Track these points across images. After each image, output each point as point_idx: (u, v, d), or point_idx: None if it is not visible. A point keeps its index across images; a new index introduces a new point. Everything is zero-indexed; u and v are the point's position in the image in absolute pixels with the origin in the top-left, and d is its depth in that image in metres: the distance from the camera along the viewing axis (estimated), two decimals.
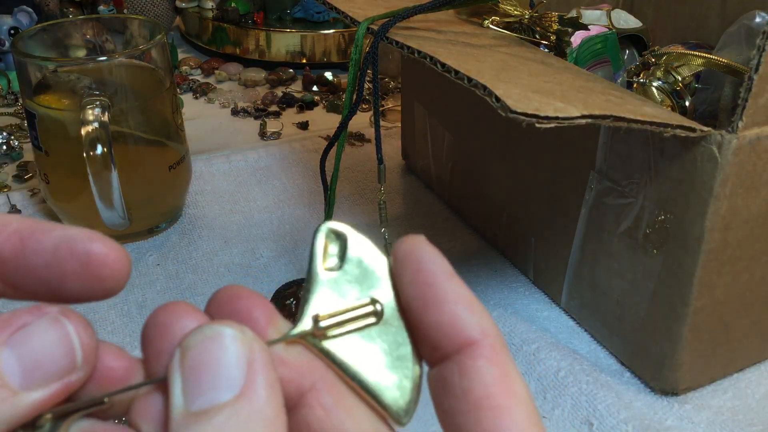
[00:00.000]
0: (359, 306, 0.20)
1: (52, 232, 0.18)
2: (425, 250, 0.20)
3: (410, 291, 0.19)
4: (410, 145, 0.65)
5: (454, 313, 0.19)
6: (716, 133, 0.33)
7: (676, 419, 0.39)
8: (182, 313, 0.19)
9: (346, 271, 0.21)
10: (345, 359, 0.19)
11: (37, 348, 0.16)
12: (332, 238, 0.22)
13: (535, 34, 0.47)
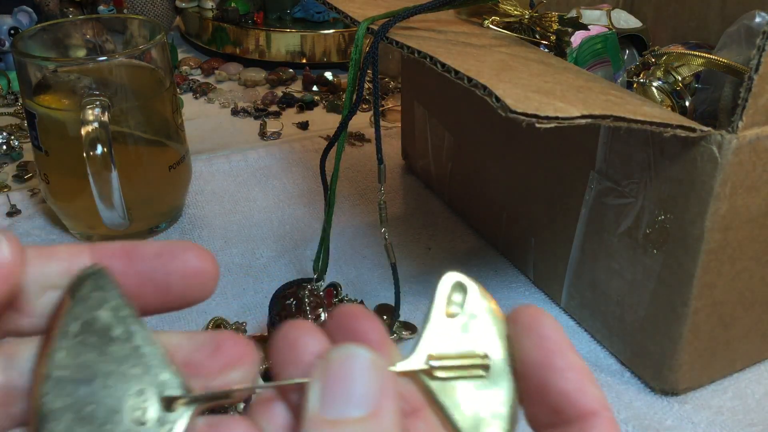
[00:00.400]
0: (471, 356, 0.21)
1: (153, 243, 0.20)
2: (548, 320, 0.21)
3: (533, 356, 0.20)
4: (410, 145, 0.65)
5: (581, 382, 0.20)
6: (716, 133, 0.33)
7: (676, 419, 0.39)
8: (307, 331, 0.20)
9: (464, 321, 0.22)
10: (446, 402, 0.21)
11: None
12: (457, 288, 0.23)
13: (535, 34, 0.47)
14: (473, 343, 0.21)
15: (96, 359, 0.19)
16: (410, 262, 0.53)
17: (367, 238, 0.56)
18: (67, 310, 0.19)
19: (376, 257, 0.53)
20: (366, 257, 0.54)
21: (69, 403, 0.18)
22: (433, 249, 0.55)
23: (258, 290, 0.50)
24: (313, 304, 0.43)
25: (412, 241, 0.56)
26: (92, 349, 0.19)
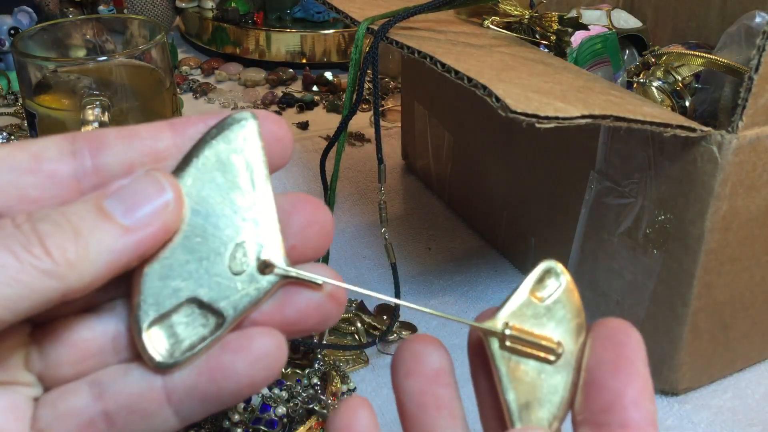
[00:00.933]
0: (546, 339, 0.22)
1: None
2: (632, 331, 0.21)
3: (605, 355, 0.21)
4: (410, 145, 0.65)
5: (641, 394, 0.20)
6: (716, 133, 0.33)
7: (676, 419, 0.39)
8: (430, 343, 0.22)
9: (548, 306, 0.23)
10: (506, 373, 0.21)
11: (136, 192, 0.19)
12: (550, 274, 0.24)
13: (535, 34, 0.47)
14: (551, 329, 0.22)
15: (217, 199, 0.20)
16: (410, 262, 0.53)
17: (367, 238, 0.56)
18: (208, 142, 0.20)
19: (376, 257, 0.53)
20: (366, 257, 0.54)
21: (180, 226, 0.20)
22: (433, 249, 0.55)
23: None
24: None
25: (412, 241, 0.56)
26: (217, 188, 0.20)
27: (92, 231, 0.18)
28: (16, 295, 0.17)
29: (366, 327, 0.45)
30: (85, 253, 0.18)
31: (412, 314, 0.47)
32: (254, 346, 0.20)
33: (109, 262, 0.18)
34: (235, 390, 0.20)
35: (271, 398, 0.38)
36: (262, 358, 0.20)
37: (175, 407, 0.20)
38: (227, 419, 0.37)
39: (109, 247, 0.18)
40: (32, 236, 0.17)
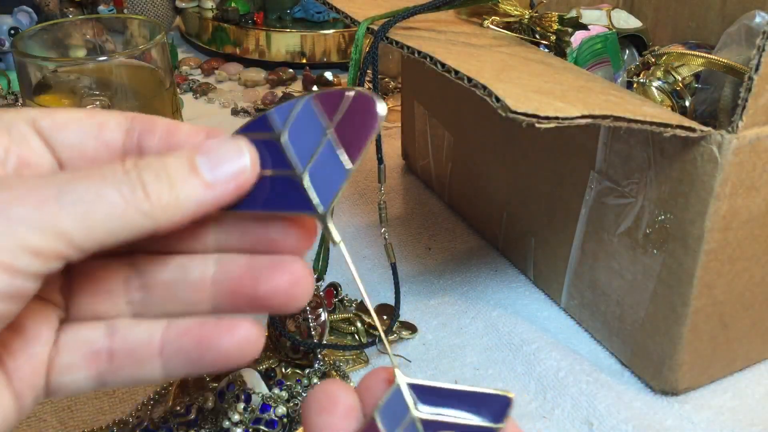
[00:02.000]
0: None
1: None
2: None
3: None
4: (410, 145, 0.65)
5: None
6: (716, 133, 0.33)
7: (676, 419, 0.39)
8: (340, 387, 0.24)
9: None
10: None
11: (220, 155, 0.23)
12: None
13: (535, 34, 0.47)
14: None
15: None
16: (410, 262, 0.53)
17: (367, 238, 0.56)
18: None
19: (376, 257, 0.53)
20: (366, 257, 0.54)
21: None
22: (433, 249, 0.55)
23: None
24: (313, 304, 0.43)
25: (412, 241, 0.56)
26: None
27: (183, 184, 0.22)
28: (118, 227, 0.21)
29: (366, 327, 0.45)
30: (176, 201, 0.22)
31: (413, 314, 0.47)
32: (240, 330, 0.23)
33: (192, 209, 0.22)
34: (212, 360, 0.23)
35: (271, 398, 0.38)
36: (242, 342, 0.23)
37: (164, 361, 0.24)
38: (227, 419, 0.37)
39: (194, 198, 0.22)
40: (137, 182, 0.21)
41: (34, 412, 0.39)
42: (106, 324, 0.24)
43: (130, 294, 0.24)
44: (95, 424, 0.39)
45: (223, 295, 0.24)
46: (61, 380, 0.24)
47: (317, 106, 0.24)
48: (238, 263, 0.24)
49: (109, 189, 0.21)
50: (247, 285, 0.24)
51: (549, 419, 0.39)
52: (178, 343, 0.24)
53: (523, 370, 0.42)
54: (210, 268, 0.24)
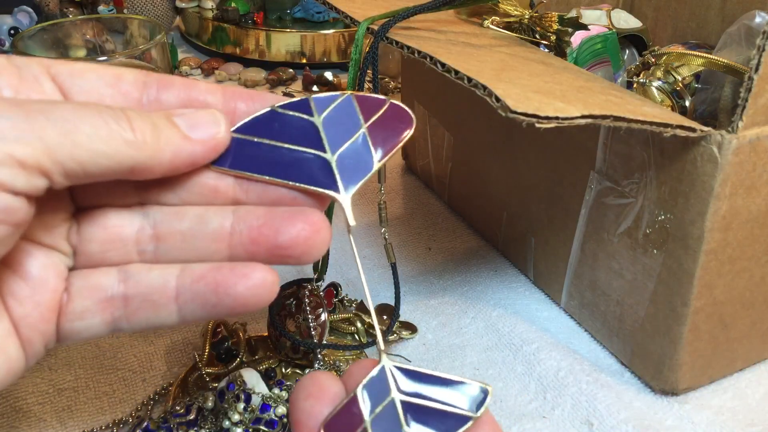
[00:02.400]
0: None
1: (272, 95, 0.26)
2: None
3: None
4: (410, 145, 0.65)
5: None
6: (716, 133, 0.33)
7: (676, 419, 0.39)
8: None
9: None
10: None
11: (197, 120, 0.24)
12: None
13: (535, 34, 0.47)
14: None
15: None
16: (410, 262, 0.53)
17: (367, 238, 0.56)
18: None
19: (376, 257, 0.53)
20: (366, 257, 0.54)
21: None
22: (433, 249, 0.55)
23: None
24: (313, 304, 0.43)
25: (412, 241, 0.56)
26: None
27: (164, 129, 0.23)
28: (101, 151, 0.21)
29: (366, 327, 0.45)
30: (158, 140, 0.23)
31: (412, 314, 0.47)
32: (255, 275, 0.24)
33: (171, 156, 0.23)
34: (229, 305, 0.24)
35: (271, 398, 0.38)
36: (258, 287, 0.24)
37: (179, 306, 0.24)
38: (227, 419, 0.37)
39: (174, 143, 0.23)
40: (122, 116, 0.22)
41: (34, 412, 0.40)
42: (118, 270, 0.25)
43: (142, 244, 0.25)
44: (95, 423, 0.39)
45: (242, 245, 0.24)
46: (74, 326, 0.24)
47: (357, 104, 0.26)
48: (257, 214, 0.24)
49: (97, 118, 0.22)
50: (267, 235, 0.24)
51: (549, 419, 0.39)
52: (193, 289, 0.24)
53: (523, 370, 0.42)
54: (228, 219, 0.25)
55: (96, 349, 0.44)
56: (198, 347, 0.42)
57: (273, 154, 0.25)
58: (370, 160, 0.25)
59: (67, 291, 0.24)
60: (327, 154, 0.25)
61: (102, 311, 0.24)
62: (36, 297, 0.23)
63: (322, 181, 0.25)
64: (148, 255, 0.25)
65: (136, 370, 0.43)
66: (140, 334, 0.45)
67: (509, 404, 0.40)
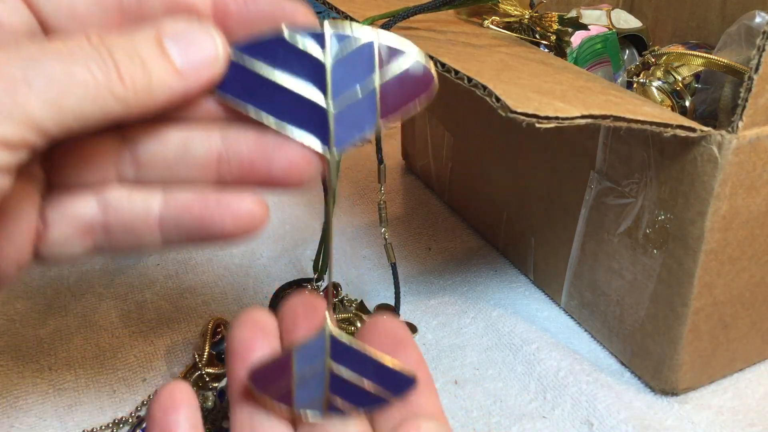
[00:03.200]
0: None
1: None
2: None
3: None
4: (410, 145, 0.65)
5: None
6: (716, 133, 0.33)
7: (676, 419, 0.39)
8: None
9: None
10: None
11: (190, 38, 0.21)
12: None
13: (535, 34, 0.47)
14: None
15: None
16: (410, 262, 0.53)
17: (367, 238, 0.56)
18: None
19: (376, 257, 0.53)
20: (366, 257, 0.54)
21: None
22: (433, 249, 0.55)
23: (258, 290, 0.50)
24: None
25: (412, 241, 0.56)
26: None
27: (155, 67, 0.20)
28: (89, 112, 0.19)
29: None
30: (149, 85, 0.20)
31: (412, 314, 0.47)
32: (243, 206, 0.22)
33: (164, 98, 0.21)
34: (216, 237, 0.23)
35: None
36: (245, 218, 0.23)
37: (164, 234, 0.23)
38: (227, 419, 0.37)
39: (167, 84, 0.21)
40: (109, 61, 0.20)
41: (34, 412, 0.40)
42: (97, 198, 0.23)
43: (121, 168, 0.23)
44: (95, 423, 0.39)
45: (231, 174, 0.23)
46: (54, 252, 0.23)
47: (378, 53, 0.22)
48: (246, 140, 0.23)
49: (80, 67, 0.19)
50: (259, 165, 0.23)
51: (549, 419, 0.39)
52: (177, 219, 0.23)
53: (523, 370, 0.42)
54: (215, 145, 0.23)
55: (96, 349, 0.44)
56: (198, 347, 0.42)
57: (269, 88, 0.22)
58: (372, 120, 0.22)
59: (42, 219, 0.23)
60: (327, 104, 0.22)
61: (82, 239, 0.23)
62: (8, 230, 0.22)
63: (313, 132, 0.22)
64: (129, 180, 0.23)
65: (136, 370, 0.43)
66: (140, 334, 0.45)
67: (509, 404, 0.40)
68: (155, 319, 0.47)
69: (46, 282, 0.51)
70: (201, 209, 0.23)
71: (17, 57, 0.19)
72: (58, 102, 0.19)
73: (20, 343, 0.45)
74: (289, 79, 0.22)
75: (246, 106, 0.22)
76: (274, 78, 0.22)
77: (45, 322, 0.47)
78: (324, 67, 0.22)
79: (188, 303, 0.48)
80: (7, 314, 0.47)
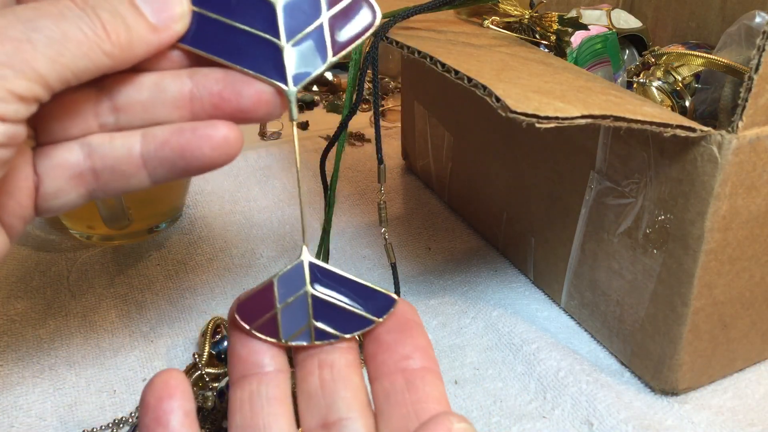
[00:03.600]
0: None
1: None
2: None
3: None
4: (410, 145, 0.65)
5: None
6: (716, 133, 0.33)
7: (676, 419, 0.39)
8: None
9: None
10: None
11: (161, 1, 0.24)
12: None
13: (535, 34, 0.47)
14: None
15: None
16: (410, 262, 0.53)
17: (367, 238, 0.56)
18: None
19: (376, 257, 0.53)
20: (366, 257, 0.54)
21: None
22: (433, 249, 0.55)
23: None
24: None
25: (412, 241, 0.56)
26: None
27: (133, 24, 0.23)
28: (83, 67, 0.22)
29: None
30: (130, 41, 0.23)
31: None
32: (218, 134, 0.24)
33: (142, 53, 0.23)
34: (198, 165, 0.24)
35: None
36: (223, 144, 0.24)
37: (149, 171, 0.25)
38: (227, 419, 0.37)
39: (144, 39, 0.23)
40: (96, 20, 0.22)
41: (34, 411, 0.40)
42: (80, 144, 0.25)
43: (101, 117, 0.25)
44: (95, 422, 0.39)
45: (204, 110, 0.25)
46: (52, 204, 0.25)
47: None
48: (215, 77, 0.25)
49: (72, 27, 0.22)
50: (229, 99, 0.24)
51: (549, 419, 0.39)
52: (159, 154, 0.24)
53: (523, 370, 0.42)
54: (186, 84, 0.25)
55: (96, 349, 0.44)
56: (198, 347, 0.42)
57: (227, 34, 0.24)
58: (324, 54, 0.25)
59: (35, 172, 0.24)
60: (281, 42, 0.24)
61: (76, 187, 0.25)
62: (8, 187, 0.24)
63: (271, 70, 0.24)
64: (110, 127, 0.25)
65: (136, 370, 0.43)
66: (140, 334, 0.45)
67: (509, 404, 0.40)
68: (155, 319, 0.47)
69: (46, 282, 0.51)
70: (179, 142, 0.24)
71: (17, 20, 0.21)
72: (59, 59, 0.21)
73: (20, 343, 0.45)
74: (244, 23, 0.24)
75: (209, 54, 0.24)
76: (231, 24, 0.24)
77: (45, 322, 0.47)
78: (274, 8, 0.24)
79: (188, 303, 0.48)
80: (7, 314, 0.47)
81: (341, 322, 0.26)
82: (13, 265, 0.52)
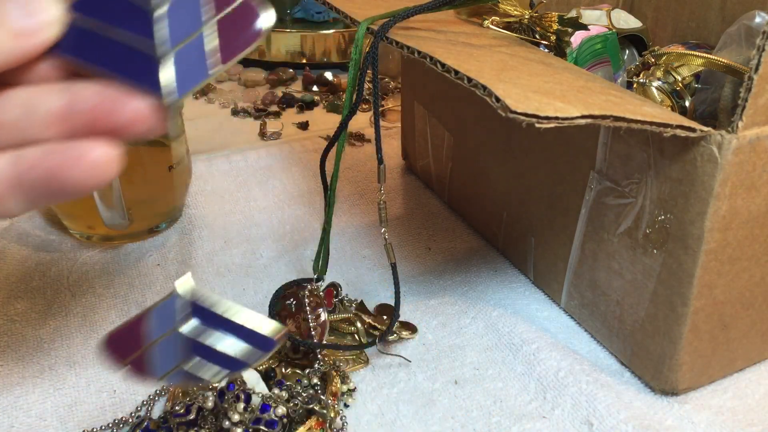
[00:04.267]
0: None
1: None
2: None
3: None
4: (410, 145, 0.65)
5: None
6: (716, 133, 0.33)
7: (676, 419, 0.39)
8: None
9: None
10: None
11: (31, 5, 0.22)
12: None
13: (535, 34, 0.47)
14: None
15: None
16: (410, 262, 0.53)
17: (367, 238, 0.56)
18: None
19: (376, 257, 0.53)
20: (366, 257, 0.54)
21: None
22: (433, 249, 0.55)
23: (258, 290, 0.50)
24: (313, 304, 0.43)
25: (412, 241, 0.56)
26: None
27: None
28: None
29: (366, 327, 0.45)
30: None
31: (412, 314, 0.47)
32: (90, 154, 0.22)
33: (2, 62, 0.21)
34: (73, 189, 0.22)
35: (271, 398, 0.38)
36: (96, 165, 0.22)
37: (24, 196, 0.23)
38: (227, 419, 0.37)
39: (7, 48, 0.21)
40: None
41: (34, 411, 0.40)
42: None
43: None
44: (95, 423, 0.39)
45: (80, 127, 0.23)
46: None
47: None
48: (92, 91, 0.23)
49: None
50: (106, 114, 0.22)
51: (549, 419, 0.39)
52: (29, 178, 0.22)
53: (523, 370, 0.42)
54: (60, 100, 0.23)
55: (96, 349, 0.44)
56: None
57: (106, 43, 0.22)
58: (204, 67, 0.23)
59: None
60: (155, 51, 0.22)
61: None
62: None
63: (151, 82, 0.22)
64: None
65: None
66: None
67: (509, 404, 0.40)
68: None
69: (46, 282, 0.51)
70: (48, 165, 0.22)
71: None
72: None
73: (20, 343, 0.45)
74: (120, 32, 0.22)
75: (85, 63, 0.23)
76: (107, 33, 0.22)
77: (45, 322, 0.47)
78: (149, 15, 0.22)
79: None
80: (7, 314, 0.47)
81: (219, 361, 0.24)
82: (13, 266, 0.52)
